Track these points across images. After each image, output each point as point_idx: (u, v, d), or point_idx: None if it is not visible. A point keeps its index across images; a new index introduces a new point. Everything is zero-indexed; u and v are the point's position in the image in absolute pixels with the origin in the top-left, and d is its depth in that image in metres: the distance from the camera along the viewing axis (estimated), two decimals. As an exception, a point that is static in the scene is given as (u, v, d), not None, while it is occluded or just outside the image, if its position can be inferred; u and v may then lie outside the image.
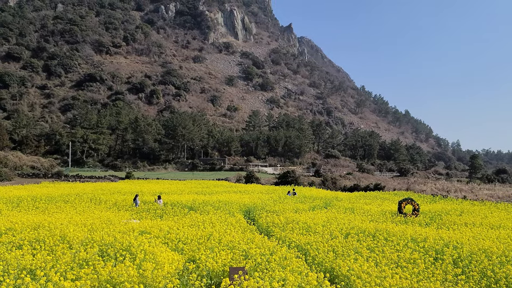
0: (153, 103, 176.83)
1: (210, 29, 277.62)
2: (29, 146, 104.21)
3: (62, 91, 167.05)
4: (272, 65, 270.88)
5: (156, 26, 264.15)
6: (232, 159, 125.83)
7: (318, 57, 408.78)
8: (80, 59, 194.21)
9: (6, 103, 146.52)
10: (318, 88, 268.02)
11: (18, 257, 10.04)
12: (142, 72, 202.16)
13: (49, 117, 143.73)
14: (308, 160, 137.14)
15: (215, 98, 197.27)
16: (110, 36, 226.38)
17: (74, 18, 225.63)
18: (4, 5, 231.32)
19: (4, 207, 22.29)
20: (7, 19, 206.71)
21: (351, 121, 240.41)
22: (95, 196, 29.79)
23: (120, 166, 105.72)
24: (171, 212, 21.50)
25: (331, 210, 24.25)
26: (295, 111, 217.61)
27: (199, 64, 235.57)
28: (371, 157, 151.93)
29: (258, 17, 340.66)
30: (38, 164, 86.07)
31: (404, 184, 67.07)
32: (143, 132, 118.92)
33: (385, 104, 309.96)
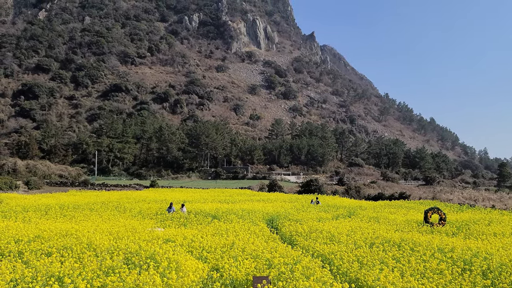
0: (177, 112, 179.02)
1: (233, 39, 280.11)
2: (57, 155, 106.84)
3: (89, 101, 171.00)
4: (295, 74, 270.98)
5: (180, 36, 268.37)
6: (255, 167, 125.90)
7: (341, 65, 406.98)
8: (106, 70, 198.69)
9: (36, 113, 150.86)
10: (341, 96, 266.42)
11: (47, 264, 10.27)
12: (166, 82, 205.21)
13: (77, 126, 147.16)
14: (331, 169, 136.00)
15: (238, 107, 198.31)
16: (135, 47, 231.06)
17: (100, 30, 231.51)
18: (34, 18, 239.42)
19: (33, 215, 22.85)
20: (37, 32, 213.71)
21: (374, 129, 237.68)
22: (120, 204, 30.21)
23: (145, 174, 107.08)
24: (194, 220, 21.61)
25: (355, 219, 23.94)
26: (318, 119, 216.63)
27: (222, 74, 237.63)
28: (396, 165, 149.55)
29: (281, 26, 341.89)
30: (65, 172, 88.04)
31: (429, 193, 65.68)
32: (167, 141, 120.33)
33: (410, 111, 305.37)
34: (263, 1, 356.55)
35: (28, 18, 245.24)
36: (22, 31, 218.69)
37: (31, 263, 10.34)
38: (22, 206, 27.90)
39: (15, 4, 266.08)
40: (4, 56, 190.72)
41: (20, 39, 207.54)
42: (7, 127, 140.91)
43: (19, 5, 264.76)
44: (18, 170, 78.93)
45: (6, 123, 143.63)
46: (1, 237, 13.69)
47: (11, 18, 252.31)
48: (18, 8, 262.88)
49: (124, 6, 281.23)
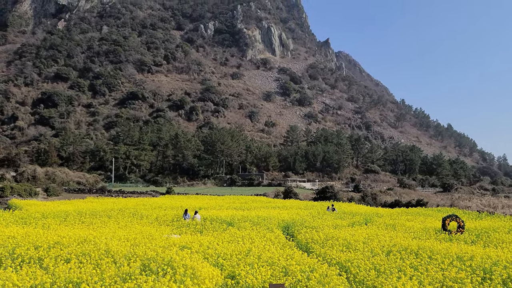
0: (192, 120, 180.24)
1: (248, 46, 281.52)
2: (75, 162, 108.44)
3: (106, 109, 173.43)
4: (310, 80, 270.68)
5: (196, 44, 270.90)
6: (270, 174, 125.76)
7: (356, 71, 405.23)
8: (123, 78, 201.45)
9: (55, 121, 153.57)
10: (356, 103, 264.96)
11: (66, 271, 10.43)
12: (182, 89, 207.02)
13: (94, 134, 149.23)
14: (347, 175, 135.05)
15: (253, 114, 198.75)
16: (151, 55, 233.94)
17: (118, 39, 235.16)
18: (54, 28, 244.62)
19: (52, 222, 23.22)
20: (56, 42, 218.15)
21: (391, 135, 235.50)
22: (137, 211, 30.49)
23: (161, 181, 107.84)
24: (210, 227, 21.69)
25: (371, 227, 23.73)
26: (333, 125, 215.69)
27: (237, 81, 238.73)
28: (413, 172, 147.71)
29: (295, 33, 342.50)
30: (83, 179, 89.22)
31: (447, 200, 64.64)
32: (183, 148, 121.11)
33: (427, 117, 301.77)
34: (278, 9, 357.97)
35: (47, 28, 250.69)
36: (42, 40, 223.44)
37: (50, 269, 10.52)
38: (41, 212, 28.37)
39: (35, 15, 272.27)
40: (24, 65, 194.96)
41: (40, 48, 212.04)
42: (27, 135, 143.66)
43: (39, 16, 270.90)
44: (37, 177, 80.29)
45: (26, 131, 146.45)
46: (22, 243, 13.95)
47: (31, 28, 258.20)
48: (38, 18, 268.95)
49: (140, 15, 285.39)
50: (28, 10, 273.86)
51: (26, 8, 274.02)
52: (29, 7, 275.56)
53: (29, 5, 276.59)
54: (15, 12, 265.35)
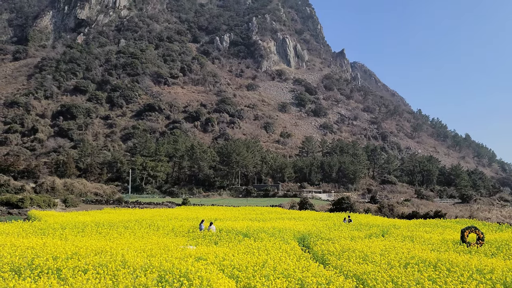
0: (208, 131, 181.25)
1: (263, 58, 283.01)
2: (93, 173, 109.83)
3: (123, 121, 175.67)
4: (325, 91, 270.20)
5: (211, 56, 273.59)
6: (286, 185, 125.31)
7: (372, 82, 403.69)
8: (140, 90, 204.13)
9: (73, 133, 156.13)
10: (372, 113, 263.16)
11: (84, 282, 10.54)
12: (198, 101, 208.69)
13: (111, 145, 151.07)
14: (363, 186, 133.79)
15: (268, 125, 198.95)
16: (168, 67, 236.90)
17: (135, 52, 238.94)
18: (73, 42, 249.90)
19: (70, 233, 23.54)
20: (75, 55, 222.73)
21: (407, 145, 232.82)
22: (153, 222, 30.69)
23: (177, 192, 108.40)
24: (226, 238, 21.70)
25: (388, 238, 23.43)
26: (348, 136, 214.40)
27: (252, 92, 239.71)
28: (430, 183, 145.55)
29: (310, 44, 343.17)
30: (100, 191, 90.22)
31: (466, 211, 63.55)
32: (199, 159, 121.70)
33: (444, 127, 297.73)
34: (292, 20, 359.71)
35: (67, 42, 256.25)
36: (62, 54, 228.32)
37: (69, 280, 10.65)
38: (59, 223, 28.78)
39: (55, 29, 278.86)
40: (44, 78, 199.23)
41: (60, 62, 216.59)
42: (46, 147, 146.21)
43: (59, 30, 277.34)
44: (56, 188, 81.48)
45: (46, 143, 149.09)
46: (40, 254, 14.17)
47: (51, 43, 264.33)
48: (58, 33, 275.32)
49: (157, 28, 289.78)
50: (49, 25, 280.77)
51: (47, 23, 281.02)
52: (49, 22, 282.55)
53: (49, 20, 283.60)
54: (35, 27, 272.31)
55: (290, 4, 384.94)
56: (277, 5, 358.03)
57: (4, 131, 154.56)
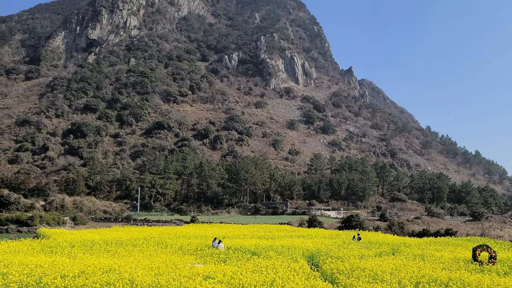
0: (216, 148, 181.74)
1: (271, 76, 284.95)
2: (102, 191, 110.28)
3: (132, 139, 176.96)
4: (333, 108, 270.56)
5: (220, 74, 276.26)
6: (294, 202, 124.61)
7: (380, 99, 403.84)
8: (149, 108, 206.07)
9: (83, 151, 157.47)
10: (381, 130, 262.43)
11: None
12: (206, 118, 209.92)
13: (121, 163, 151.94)
14: (373, 204, 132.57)
15: (277, 142, 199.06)
16: (177, 86, 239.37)
17: (145, 70, 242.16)
18: (84, 61, 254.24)
19: (78, 251, 23.58)
20: (86, 74, 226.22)
21: (417, 162, 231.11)
22: (161, 240, 30.66)
23: (185, 210, 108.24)
24: (234, 256, 21.59)
25: (399, 257, 23.14)
26: (357, 153, 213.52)
27: (261, 110, 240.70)
28: (440, 200, 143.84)
29: (318, 62, 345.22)
30: (109, 208, 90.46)
31: (478, 229, 62.66)
32: (207, 177, 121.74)
33: (453, 144, 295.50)
34: (300, 39, 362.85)
35: (78, 61, 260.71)
36: (73, 73, 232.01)
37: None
38: (68, 241, 28.85)
39: (67, 49, 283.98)
40: (55, 97, 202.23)
41: (71, 81, 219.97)
42: (57, 165, 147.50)
43: (70, 50, 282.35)
44: (65, 206, 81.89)
45: (56, 161, 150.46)
46: (48, 272, 14.21)
47: (63, 62, 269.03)
48: (70, 52, 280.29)
49: (167, 47, 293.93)
50: (61, 45, 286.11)
51: (59, 43, 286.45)
52: (61, 42, 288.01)
53: (62, 40, 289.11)
54: (48, 47, 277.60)
55: (298, 23, 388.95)
56: (285, 24, 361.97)
57: (16, 149, 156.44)
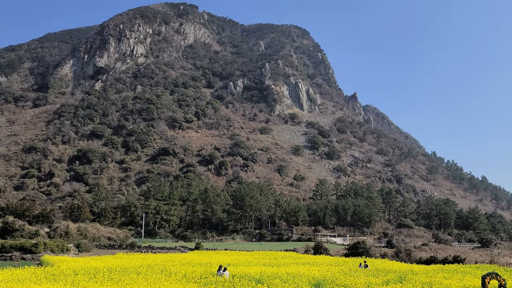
0: (221, 174, 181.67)
1: (276, 102, 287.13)
2: (107, 217, 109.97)
3: (138, 165, 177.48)
4: (338, 134, 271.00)
5: (225, 101, 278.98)
6: (300, 229, 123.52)
7: (385, 124, 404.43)
8: (155, 135, 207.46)
9: (89, 177, 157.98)
10: (386, 155, 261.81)
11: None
12: (211, 144, 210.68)
13: (126, 189, 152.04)
14: (379, 230, 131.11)
15: (282, 168, 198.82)
16: (182, 112, 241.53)
17: (151, 97, 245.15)
18: (91, 89, 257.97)
19: (82, 278, 23.46)
20: (92, 101, 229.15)
21: (423, 188, 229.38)
22: (165, 267, 30.45)
23: (190, 236, 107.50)
24: (239, 285, 21.40)
25: (406, 285, 22.85)
26: (363, 179, 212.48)
27: (265, 135, 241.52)
28: (448, 226, 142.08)
29: (323, 88, 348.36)
30: (114, 235, 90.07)
31: (486, 256, 61.67)
32: (212, 203, 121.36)
33: (459, 170, 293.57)
34: (305, 65, 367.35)
35: (85, 89, 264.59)
36: (80, 101, 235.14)
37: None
38: (72, 269, 28.74)
39: (75, 77, 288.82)
40: (62, 124, 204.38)
41: (78, 108, 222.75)
42: (62, 191, 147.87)
43: (78, 78, 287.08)
44: (70, 233, 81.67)
45: (61, 187, 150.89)
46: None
47: (71, 90, 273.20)
48: (77, 80, 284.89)
49: (173, 74, 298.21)
50: (69, 72, 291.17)
51: (67, 71, 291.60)
52: (69, 70, 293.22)
53: (70, 68, 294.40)
54: (56, 75, 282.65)
55: (302, 50, 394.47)
56: (290, 51, 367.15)
57: (22, 176, 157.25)
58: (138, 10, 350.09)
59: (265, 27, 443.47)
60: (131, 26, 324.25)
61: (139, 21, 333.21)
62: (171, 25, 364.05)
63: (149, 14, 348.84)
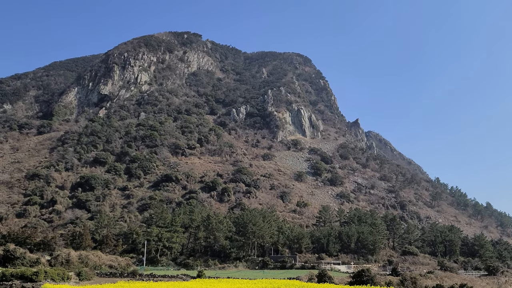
0: (224, 201, 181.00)
1: (279, 128, 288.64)
2: (108, 245, 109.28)
3: (140, 192, 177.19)
4: (341, 160, 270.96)
5: (228, 127, 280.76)
6: (303, 256, 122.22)
7: (387, 150, 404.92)
8: (158, 161, 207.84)
9: (91, 204, 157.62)
10: (389, 182, 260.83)
11: None
12: (214, 171, 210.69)
13: (128, 216, 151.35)
14: (384, 257, 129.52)
15: (285, 194, 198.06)
16: (185, 138, 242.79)
17: (154, 124, 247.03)
18: (95, 116, 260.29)
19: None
20: (96, 129, 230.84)
21: (427, 215, 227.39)
22: (167, 295, 30.25)
23: (192, 264, 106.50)
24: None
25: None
26: (366, 205, 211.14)
27: (268, 162, 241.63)
28: (453, 253, 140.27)
29: (325, 115, 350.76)
30: (115, 263, 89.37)
31: (494, 284, 60.87)
32: (215, 230, 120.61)
33: (463, 196, 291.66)
34: (307, 92, 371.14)
35: (89, 116, 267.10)
36: (84, 128, 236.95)
37: None
38: (74, 297, 28.61)
39: (79, 104, 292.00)
40: (66, 151, 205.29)
41: (81, 135, 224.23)
42: (64, 218, 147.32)
43: (82, 105, 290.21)
44: (71, 261, 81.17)
45: (63, 214, 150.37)
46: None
47: (75, 117, 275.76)
48: (81, 107, 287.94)
49: (176, 101, 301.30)
50: (73, 100, 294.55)
51: (71, 98, 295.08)
52: (74, 97, 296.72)
53: (74, 96, 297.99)
54: (60, 103, 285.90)
55: (304, 77, 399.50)
56: (292, 78, 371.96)
57: (24, 203, 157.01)
58: (142, 38, 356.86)
59: (267, 55, 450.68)
60: (135, 54, 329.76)
61: (143, 50, 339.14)
62: (175, 53, 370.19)
63: (154, 42, 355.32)
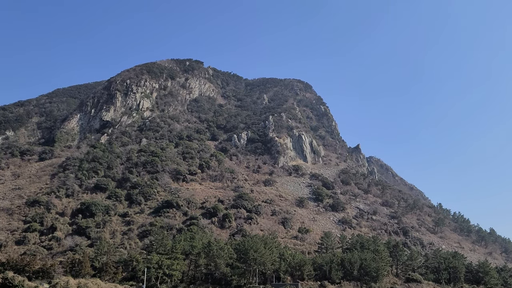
0: (225, 227, 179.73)
1: (280, 154, 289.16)
2: (108, 272, 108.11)
3: (141, 218, 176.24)
4: (342, 186, 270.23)
5: (229, 153, 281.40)
6: (305, 283, 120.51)
7: (389, 176, 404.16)
8: (159, 187, 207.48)
9: (91, 231, 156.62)
10: (391, 207, 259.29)
11: None
12: (215, 197, 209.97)
13: (128, 243, 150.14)
14: (387, 285, 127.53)
15: (286, 220, 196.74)
16: (187, 164, 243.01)
17: (155, 150, 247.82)
18: (97, 142, 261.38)
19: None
20: (98, 155, 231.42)
21: (430, 241, 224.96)
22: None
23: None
24: None
25: None
26: (368, 231, 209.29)
27: (269, 187, 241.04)
28: (458, 280, 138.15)
29: (326, 140, 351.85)
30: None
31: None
32: (216, 257, 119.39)
33: (467, 222, 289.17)
34: (308, 118, 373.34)
35: (91, 142, 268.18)
36: (85, 154, 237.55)
37: None
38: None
39: (81, 131, 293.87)
40: (67, 177, 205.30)
41: (83, 161, 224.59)
42: (63, 245, 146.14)
43: (84, 131, 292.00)
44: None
45: (63, 241, 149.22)
46: None
47: (77, 143, 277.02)
48: (83, 134, 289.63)
49: (178, 127, 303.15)
50: (75, 126, 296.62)
51: (73, 125, 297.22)
52: (76, 124, 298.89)
53: (76, 122, 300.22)
54: (63, 129, 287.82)
55: (305, 103, 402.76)
56: (293, 104, 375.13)
57: (24, 230, 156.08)
58: (145, 66, 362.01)
59: (268, 81, 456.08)
60: (138, 81, 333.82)
61: (145, 77, 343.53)
62: (177, 80, 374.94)
63: (156, 69, 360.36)
